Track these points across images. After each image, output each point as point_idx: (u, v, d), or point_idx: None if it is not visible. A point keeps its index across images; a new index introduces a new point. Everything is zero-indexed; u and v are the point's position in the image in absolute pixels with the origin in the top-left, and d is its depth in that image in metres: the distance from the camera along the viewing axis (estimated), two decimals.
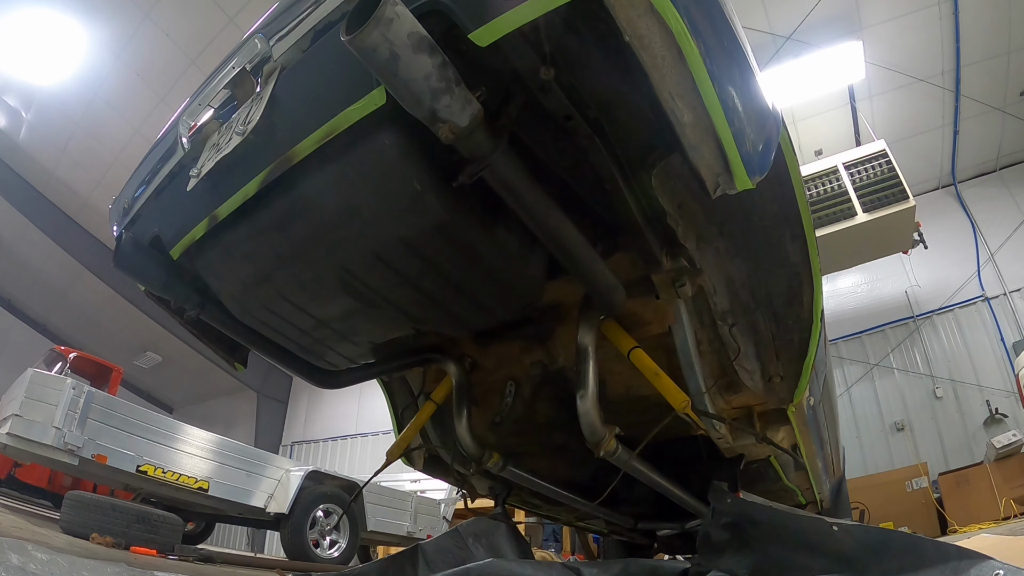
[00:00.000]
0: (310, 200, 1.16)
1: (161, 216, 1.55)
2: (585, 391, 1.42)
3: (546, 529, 6.60)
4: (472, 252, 1.20)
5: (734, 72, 1.00)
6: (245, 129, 1.13)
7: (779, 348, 1.82)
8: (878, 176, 5.66)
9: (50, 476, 6.63)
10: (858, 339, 7.85)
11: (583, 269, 1.23)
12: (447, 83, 0.82)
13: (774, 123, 1.18)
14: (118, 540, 3.46)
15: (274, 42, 1.18)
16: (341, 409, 11.41)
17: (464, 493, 2.65)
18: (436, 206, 1.07)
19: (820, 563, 1.59)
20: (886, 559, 1.49)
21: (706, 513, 1.92)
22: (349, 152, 1.05)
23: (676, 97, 0.90)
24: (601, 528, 3.64)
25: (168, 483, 4.40)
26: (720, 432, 1.85)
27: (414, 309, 1.46)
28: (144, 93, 7.48)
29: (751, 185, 1.04)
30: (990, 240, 7.59)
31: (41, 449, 3.99)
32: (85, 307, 11.23)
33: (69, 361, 6.89)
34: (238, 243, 1.34)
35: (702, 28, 0.89)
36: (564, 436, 2.15)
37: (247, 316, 1.57)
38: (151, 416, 4.63)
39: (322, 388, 1.96)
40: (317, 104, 1.05)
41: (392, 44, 0.75)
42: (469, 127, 0.87)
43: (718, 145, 0.98)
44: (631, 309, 1.56)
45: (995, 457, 5.90)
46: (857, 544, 1.57)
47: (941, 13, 6.24)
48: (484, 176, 0.96)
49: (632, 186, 1.21)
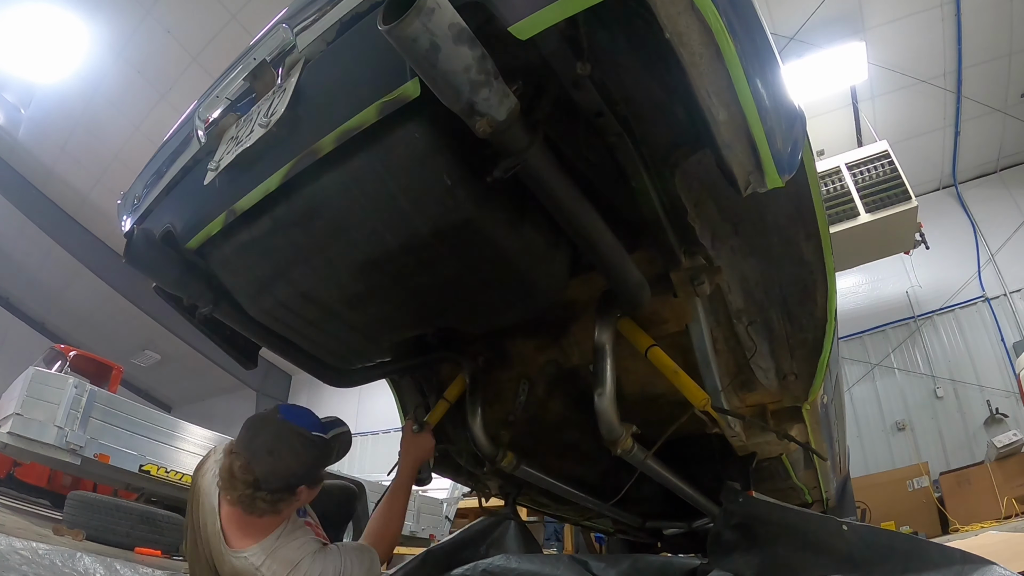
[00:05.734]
0: (335, 194, 1.15)
1: (175, 211, 1.53)
2: (603, 389, 1.42)
3: (548, 528, 6.59)
4: (499, 249, 1.19)
5: (766, 71, 1.00)
6: (268, 121, 1.12)
7: (794, 346, 1.82)
8: (881, 177, 5.68)
9: (50, 475, 6.60)
10: (859, 339, 7.88)
11: (612, 266, 1.22)
12: (486, 76, 0.81)
13: (801, 123, 1.18)
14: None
15: (298, 33, 1.17)
16: (341, 408, 11.36)
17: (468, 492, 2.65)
18: (466, 201, 1.06)
19: (826, 564, 1.60)
20: (891, 561, 1.50)
21: (718, 513, 1.92)
22: (378, 145, 1.04)
23: (712, 95, 0.90)
24: (607, 527, 3.64)
25: (171, 483, 4.39)
26: (735, 430, 1.85)
27: (438, 306, 1.45)
28: (145, 91, 7.45)
29: (781, 184, 1.04)
30: (991, 241, 7.63)
31: (42, 448, 3.97)
32: (84, 305, 11.20)
33: (69, 359, 6.86)
34: (256, 238, 1.32)
35: (738, 27, 0.89)
36: (576, 435, 2.14)
37: (262, 313, 1.55)
38: (153, 415, 4.62)
39: (335, 387, 1.95)
40: (345, 96, 1.04)
41: (433, 35, 0.74)
42: (507, 121, 0.86)
43: (751, 143, 0.97)
44: (648, 307, 1.56)
45: (996, 457, 5.93)
46: (864, 545, 1.57)
47: (943, 15, 6.26)
48: (518, 172, 0.95)
49: (656, 184, 1.21)
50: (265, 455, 1.35)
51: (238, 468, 1.34)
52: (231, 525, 1.41)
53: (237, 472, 1.34)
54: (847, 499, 4.14)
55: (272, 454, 1.36)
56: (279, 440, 1.38)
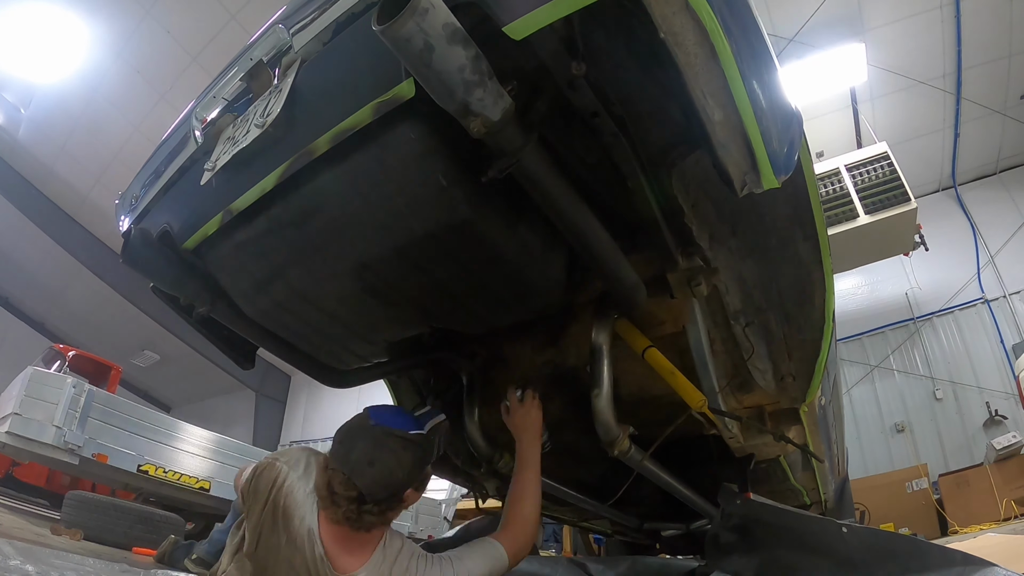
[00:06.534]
0: (330, 194, 1.15)
1: (172, 211, 1.54)
2: (600, 390, 1.42)
3: (546, 530, 6.59)
4: (495, 249, 1.19)
5: (762, 72, 1.00)
6: (264, 122, 1.12)
7: (791, 348, 1.82)
8: (880, 178, 5.67)
9: (48, 475, 6.59)
10: (858, 340, 7.87)
11: (608, 267, 1.22)
12: (480, 76, 0.81)
13: (797, 124, 1.18)
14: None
15: (294, 34, 1.17)
16: (340, 408, 11.36)
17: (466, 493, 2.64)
18: (461, 202, 1.06)
19: (825, 566, 1.59)
20: (891, 564, 1.50)
21: (715, 514, 1.92)
22: (373, 146, 1.04)
23: (707, 95, 0.90)
24: (605, 529, 3.64)
25: (169, 483, 4.39)
26: (732, 432, 1.85)
27: (434, 307, 1.45)
28: (144, 91, 7.45)
29: (777, 184, 1.04)
30: (990, 243, 7.62)
31: (41, 448, 3.97)
32: (83, 305, 11.19)
33: (68, 359, 6.86)
34: (253, 238, 1.33)
35: (733, 27, 0.89)
36: (574, 436, 2.14)
37: (259, 313, 1.55)
38: (152, 415, 4.62)
39: (332, 387, 1.95)
40: (341, 96, 1.04)
41: (427, 35, 0.74)
42: (501, 121, 0.86)
43: (746, 144, 0.97)
44: (645, 308, 1.56)
45: (995, 459, 5.92)
46: (864, 547, 1.57)
47: (943, 16, 6.26)
48: (513, 172, 0.95)
49: (652, 184, 1.21)
50: (366, 467, 1.25)
51: (339, 484, 1.25)
52: (335, 546, 1.30)
53: (338, 489, 1.24)
54: (846, 501, 4.14)
55: (373, 465, 1.26)
56: (378, 448, 1.28)
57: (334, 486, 1.25)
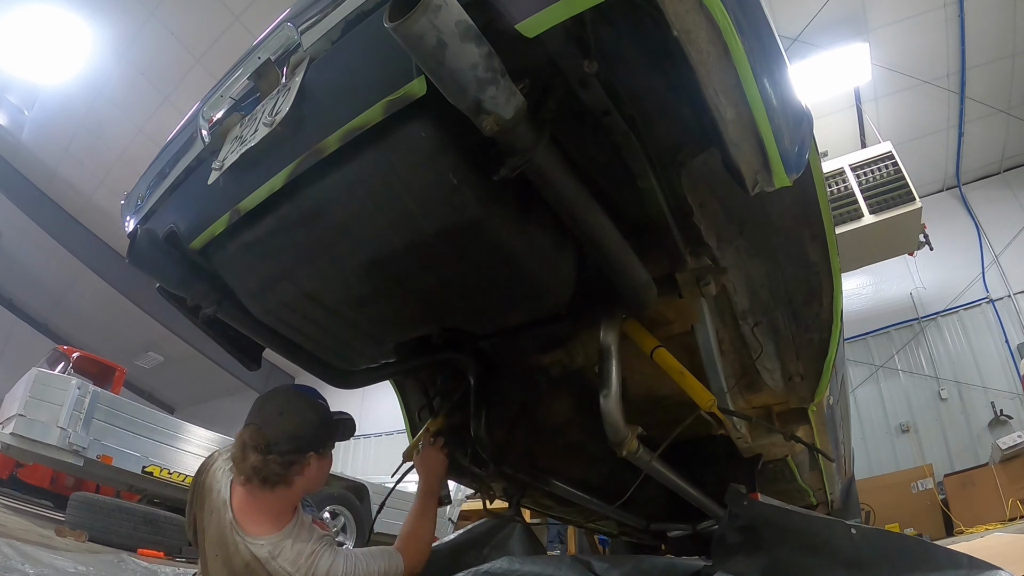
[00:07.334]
0: (339, 193, 1.14)
1: (178, 211, 1.53)
2: (608, 390, 1.41)
3: (551, 531, 6.57)
4: (505, 249, 1.18)
5: (774, 70, 1.00)
6: (273, 120, 1.11)
7: (799, 347, 1.81)
8: (884, 178, 5.65)
9: (52, 476, 6.61)
10: (863, 341, 7.86)
11: (619, 267, 1.21)
12: (493, 73, 0.80)
13: (808, 123, 1.18)
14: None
15: (302, 32, 1.16)
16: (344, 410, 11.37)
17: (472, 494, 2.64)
18: (472, 200, 1.06)
19: (832, 567, 1.58)
20: (899, 565, 1.49)
21: (722, 515, 1.91)
22: (383, 144, 1.03)
23: (720, 93, 0.89)
24: (611, 529, 3.62)
25: (174, 484, 4.39)
26: (741, 432, 1.84)
27: (443, 306, 1.44)
28: (148, 92, 7.47)
29: (789, 183, 1.04)
30: (994, 242, 7.60)
31: (45, 449, 3.98)
32: (87, 307, 11.23)
33: (72, 361, 6.87)
34: (261, 238, 1.32)
35: (745, 25, 0.88)
36: (581, 436, 2.13)
37: (267, 314, 1.55)
38: (156, 416, 4.62)
39: (339, 388, 1.94)
40: (350, 94, 1.03)
41: (439, 32, 0.74)
42: (514, 119, 0.85)
43: (759, 142, 0.97)
44: (653, 308, 1.55)
45: (1000, 458, 5.89)
46: (872, 549, 1.56)
47: (947, 16, 6.25)
48: (524, 170, 0.94)
49: (662, 184, 1.21)
50: (275, 416, 1.43)
51: (249, 436, 1.40)
52: (244, 512, 1.42)
53: (248, 440, 1.39)
54: (852, 501, 4.11)
55: (282, 415, 1.44)
56: (288, 403, 1.48)
57: (244, 439, 1.41)
